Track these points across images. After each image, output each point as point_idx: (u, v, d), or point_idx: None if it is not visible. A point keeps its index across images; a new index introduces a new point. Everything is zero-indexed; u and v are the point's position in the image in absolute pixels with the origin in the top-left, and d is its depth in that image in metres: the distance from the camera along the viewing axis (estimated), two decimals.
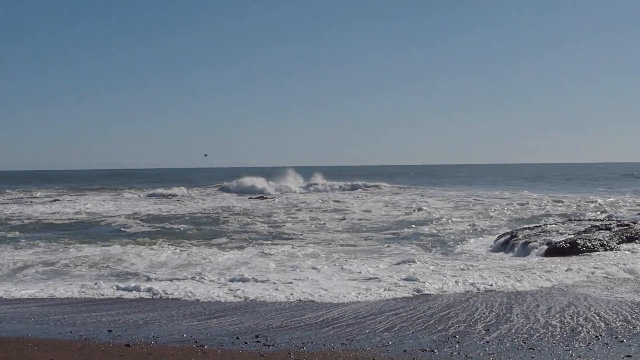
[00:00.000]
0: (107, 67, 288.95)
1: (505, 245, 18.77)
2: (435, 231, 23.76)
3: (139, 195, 52.45)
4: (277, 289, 12.38)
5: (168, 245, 20.14)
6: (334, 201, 41.33)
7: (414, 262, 15.36)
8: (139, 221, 29.29)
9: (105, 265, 16.05)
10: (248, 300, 11.61)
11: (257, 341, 8.67)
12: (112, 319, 10.22)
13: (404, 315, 10.07)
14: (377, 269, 14.64)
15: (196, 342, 8.65)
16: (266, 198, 46.63)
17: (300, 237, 22.89)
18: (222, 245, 20.43)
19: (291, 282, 13.09)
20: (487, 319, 9.69)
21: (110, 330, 9.32)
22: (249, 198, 46.68)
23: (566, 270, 14.04)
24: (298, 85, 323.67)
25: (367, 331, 9.14)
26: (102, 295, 12.35)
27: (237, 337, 8.86)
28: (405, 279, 13.12)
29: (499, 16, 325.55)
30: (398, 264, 15.42)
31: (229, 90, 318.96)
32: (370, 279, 13.43)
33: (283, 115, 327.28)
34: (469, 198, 43.00)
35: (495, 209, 32.73)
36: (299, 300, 11.55)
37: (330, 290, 12.20)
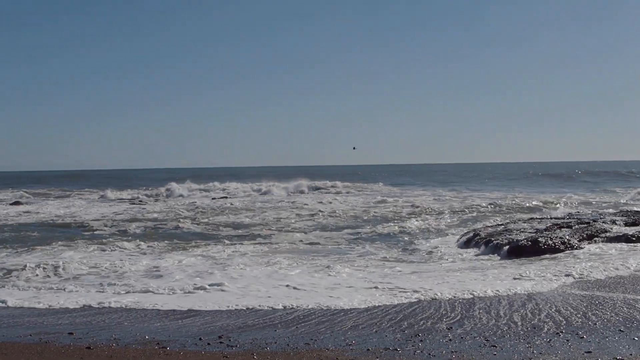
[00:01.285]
0: (59, 68, 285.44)
1: (468, 243, 18.92)
2: (396, 230, 23.80)
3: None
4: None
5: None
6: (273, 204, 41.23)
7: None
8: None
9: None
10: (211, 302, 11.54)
11: (221, 342, 8.63)
12: (73, 321, 10.10)
13: (368, 315, 10.09)
14: (340, 269, 14.66)
15: (158, 343, 8.58)
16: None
17: (270, 237, 22.81)
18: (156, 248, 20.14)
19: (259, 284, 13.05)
20: (451, 318, 9.75)
21: (71, 333, 9.20)
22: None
23: (527, 268, 14.20)
24: (253, 86, 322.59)
25: (331, 331, 9.14)
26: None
27: (200, 338, 8.80)
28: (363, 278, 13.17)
29: (457, 12, 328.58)
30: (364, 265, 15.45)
31: (189, 91, 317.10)
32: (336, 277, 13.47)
33: (237, 115, 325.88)
34: (432, 197, 43.31)
35: (460, 208, 32.96)
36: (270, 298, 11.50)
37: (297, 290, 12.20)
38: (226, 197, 47.26)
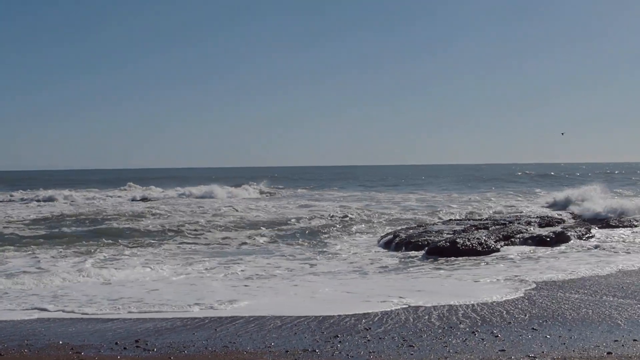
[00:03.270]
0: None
1: (388, 244, 19.10)
2: (315, 231, 23.85)
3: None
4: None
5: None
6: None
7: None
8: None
9: None
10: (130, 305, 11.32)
11: (137, 346, 8.48)
12: None
13: (289, 317, 10.07)
14: (261, 269, 14.62)
15: (72, 348, 8.37)
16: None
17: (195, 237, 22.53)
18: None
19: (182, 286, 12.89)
20: (370, 319, 9.82)
21: None
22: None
23: (443, 269, 14.46)
24: (182, 91, 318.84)
25: (250, 334, 9.09)
26: None
27: (116, 343, 8.63)
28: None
29: (390, 15, 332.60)
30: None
31: (136, 92, 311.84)
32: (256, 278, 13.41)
33: (170, 119, 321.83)
34: (357, 198, 43.62)
35: (383, 209, 33.25)
36: (185, 303, 11.35)
37: (217, 292, 12.09)
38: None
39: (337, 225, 25.40)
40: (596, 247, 18.02)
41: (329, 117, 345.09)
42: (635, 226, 22.73)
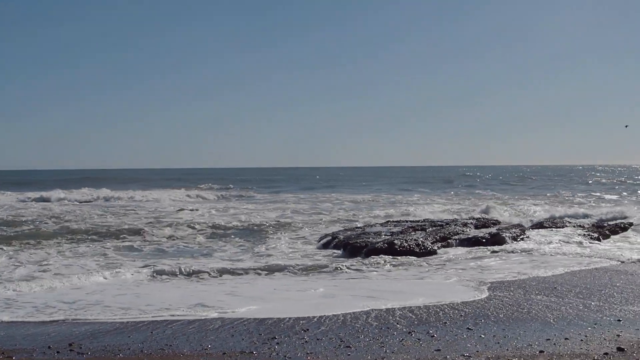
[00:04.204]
0: None
1: (327, 246, 19.16)
2: (255, 231, 23.80)
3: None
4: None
5: None
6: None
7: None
8: None
9: None
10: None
11: (71, 349, 8.32)
12: None
13: (227, 320, 10.01)
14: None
15: (3, 353, 8.16)
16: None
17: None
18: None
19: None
20: (308, 320, 9.82)
21: None
22: None
23: (383, 271, 14.58)
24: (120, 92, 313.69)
25: (187, 336, 9.00)
26: None
27: (49, 347, 8.45)
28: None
29: (324, 17, 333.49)
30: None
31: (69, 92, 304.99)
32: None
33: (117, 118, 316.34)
34: (298, 200, 43.69)
35: (321, 211, 33.35)
36: (115, 303, 11.18)
37: (151, 295, 11.95)
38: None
39: (275, 227, 25.37)
40: (530, 248, 18.38)
41: (261, 120, 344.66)
42: (567, 226, 23.26)
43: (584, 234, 20.81)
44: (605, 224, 23.85)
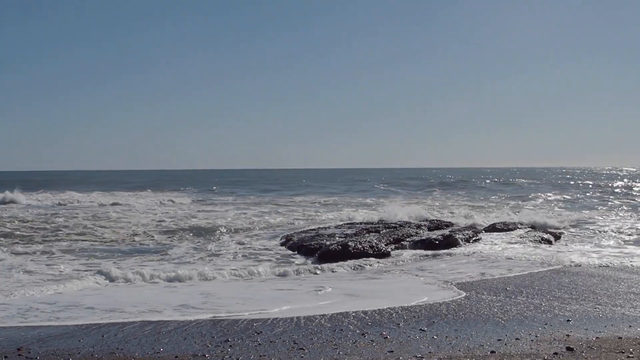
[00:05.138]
0: None
1: (282, 247, 19.11)
2: (206, 234, 23.65)
3: None
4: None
5: None
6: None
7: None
8: None
9: None
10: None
11: (19, 355, 8.13)
12: None
13: (181, 322, 9.91)
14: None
15: None
16: None
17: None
18: None
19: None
20: (262, 322, 9.78)
21: None
22: None
23: (336, 273, 14.60)
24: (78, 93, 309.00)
25: (139, 339, 8.89)
26: None
27: None
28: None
29: (282, 19, 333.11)
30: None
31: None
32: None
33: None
34: (252, 202, 43.56)
35: (277, 214, 33.30)
36: (67, 307, 10.99)
37: (103, 298, 11.78)
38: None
39: (228, 229, 25.23)
40: (482, 250, 18.58)
41: (217, 123, 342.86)
42: (519, 229, 23.58)
43: (536, 237, 21.09)
44: (556, 227, 24.24)
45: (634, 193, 54.21)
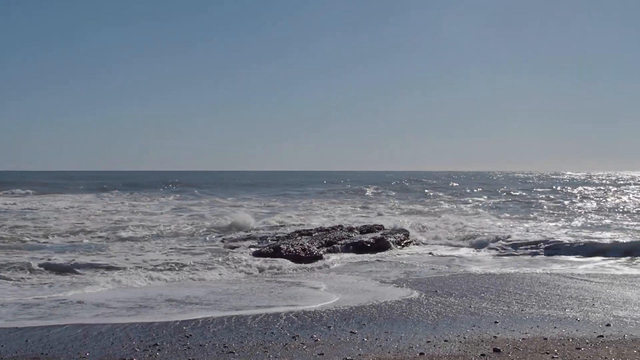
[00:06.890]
0: None
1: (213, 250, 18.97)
2: (137, 237, 23.31)
3: None
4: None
5: None
6: None
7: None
8: None
9: None
10: None
11: None
12: None
13: (110, 326, 9.72)
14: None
15: None
16: None
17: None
18: None
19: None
20: (192, 326, 9.67)
21: None
22: None
23: (267, 276, 14.59)
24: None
25: (65, 342, 8.68)
26: None
27: None
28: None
29: (238, 21, 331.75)
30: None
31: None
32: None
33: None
34: (191, 204, 43.17)
35: (206, 216, 33.04)
36: None
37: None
38: None
39: (158, 231, 24.93)
40: (413, 252, 18.80)
41: (179, 125, 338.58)
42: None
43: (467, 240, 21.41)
44: (486, 232, 24.66)
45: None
